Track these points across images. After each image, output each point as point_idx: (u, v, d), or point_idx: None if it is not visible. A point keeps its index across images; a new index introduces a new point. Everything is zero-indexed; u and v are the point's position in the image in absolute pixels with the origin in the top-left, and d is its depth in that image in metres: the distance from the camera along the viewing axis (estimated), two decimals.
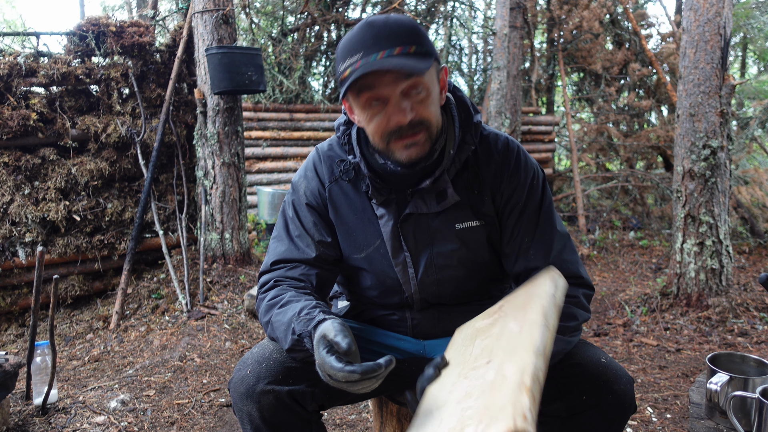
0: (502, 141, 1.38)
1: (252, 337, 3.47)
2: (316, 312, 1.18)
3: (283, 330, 1.20)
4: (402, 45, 1.14)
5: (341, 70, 1.18)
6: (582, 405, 1.18)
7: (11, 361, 2.18)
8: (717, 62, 3.43)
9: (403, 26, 1.16)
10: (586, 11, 7.43)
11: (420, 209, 1.33)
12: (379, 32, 1.14)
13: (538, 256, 1.32)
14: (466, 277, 1.40)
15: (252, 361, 1.26)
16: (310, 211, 1.40)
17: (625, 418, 1.20)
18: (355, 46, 1.15)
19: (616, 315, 3.89)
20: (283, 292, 1.29)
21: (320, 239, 1.39)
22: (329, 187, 1.39)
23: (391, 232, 1.34)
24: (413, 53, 1.14)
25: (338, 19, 7.27)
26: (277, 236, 1.43)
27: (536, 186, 1.36)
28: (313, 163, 1.43)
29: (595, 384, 1.18)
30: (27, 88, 3.87)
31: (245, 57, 3.82)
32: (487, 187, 1.35)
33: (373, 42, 1.13)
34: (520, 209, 1.35)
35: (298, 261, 1.37)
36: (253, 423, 1.23)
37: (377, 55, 1.13)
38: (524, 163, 1.37)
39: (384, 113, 1.19)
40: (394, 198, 1.33)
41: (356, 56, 1.14)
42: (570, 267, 1.32)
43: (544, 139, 8.12)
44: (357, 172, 1.37)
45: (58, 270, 3.92)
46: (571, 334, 1.24)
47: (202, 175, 4.18)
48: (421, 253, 1.37)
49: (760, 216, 5.80)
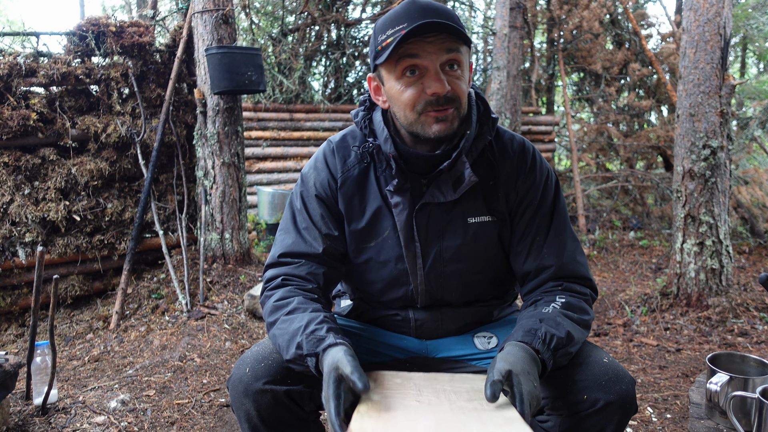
0: (518, 141, 1.40)
1: (252, 337, 3.47)
2: (324, 330, 1.17)
3: (286, 340, 1.20)
4: (446, 19, 1.16)
5: (381, 39, 1.20)
6: (583, 404, 1.18)
7: (11, 361, 2.18)
8: (717, 62, 3.43)
9: (446, 8, 1.21)
10: (586, 11, 7.43)
11: (437, 198, 1.33)
12: (425, 7, 1.17)
13: (552, 255, 1.34)
14: (471, 272, 1.40)
15: (251, 360, 1.26)
16: (318, 203, 1.40)
17: (626, 419, 1.20)
18: (400, 17, 1.18)
19: (616, 315, 3.89)
20: (291, 296, 1.28)
21: (327, 232, 1.38)
22: (341, 179, 1.39)
23: (405, 221, 1.35)
24: (456, 29, 1.17)
25: (338, 19, 7.27)
26: (285, 228, 1.42)
27: (550, 186, 1.39)
28: (324, 155, 1.42)
29: (597, 383, 1.18)
30: (27, 88, 3.87)
31: (245, 57, 3.82)
32: (502, 185, 1.36)
33: (418, 14, 1.16)
34: (534, 208, 1.36)
35: (305, 255, 1.36)
36: (250, 422, 1.24)
37: (422, 21, 1.15)
38: (540, 164, 1.39)
39: (420, 83, 1.21)
40: (409, 187, 1.34)
41: (400, 26, 1.17)
42: (581, 269, 1.35)
43: (544, 139, 8.12)
44: (373, 157, 1.37)
45: (58, 270, 3.92)
46: (585, 327, 1.26)
47: (202, 175, 4.18)
48: (432, 245, 1.37)
49: (760, 216, 5.80)
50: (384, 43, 1.19)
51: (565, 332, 1.18)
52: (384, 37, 1.19)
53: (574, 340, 1.20)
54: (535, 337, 1.16)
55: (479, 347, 1.45)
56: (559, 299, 1.28)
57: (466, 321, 1.48)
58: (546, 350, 1.15)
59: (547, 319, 1.21)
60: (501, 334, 1.48)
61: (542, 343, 1.15)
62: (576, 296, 1.30)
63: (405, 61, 1.19)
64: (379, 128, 1.34)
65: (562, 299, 1.28)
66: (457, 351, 1.45)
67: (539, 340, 1.16)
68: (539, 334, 1.16)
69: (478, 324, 1.50)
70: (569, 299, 1.28)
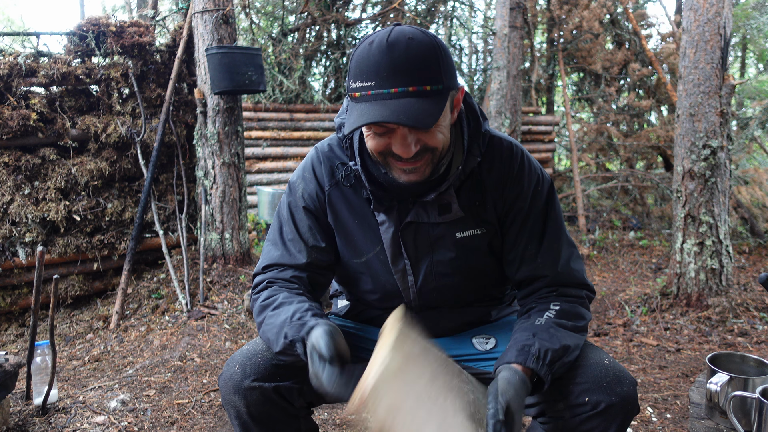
0: (506, 146, 1.35)
1: (252, 337, 3.47)
2: (308, 316, 1.19)
3: (275, 333, 1.21)
4: (417, 84, 1.09)
5: (352, 87, 1.14)
6: (585, 407, 1.18)
7: (11, 361, 2.18)
8: (717, 62, 3.43)
9: (423, 56, 1.10)
10: (586, 11, 7.43)
11: (421, 218, 1.31)
12: (396, 61, 1.08)
13: (546, 265, 1.32)
14: (465, 285, 1.40)
15: (240, 357, 1.28)
16: (306, 215, 1.38)
17: (628, 420, 1.20)
18: (370, 69, 1.10)
19: (616, 315, 3.89)
20: (276, 293, 1.30)
21: (314, 244, 1.37)
22: (328, 191, 1.36)
23: (392, 239, 1.33)
24: (429, 92, 1.10)
25: (338, 19, 7.27)
26: (272, 239, 1.42)
27: (540, 192, 1.34)
28: (312, 165, 1.39)
29: (598, 385, 1.18)
30: (27, 88, 3.87)
31: (245, 57, 3.82)
32: (489, 194, 1.33)
33: (388, 73, 1.08)
34: (523, 216, 1.33)
35: (289, 266, 1.37)
36: (240, 418, 1.25)
37: (390, 89, 1.08)
38: (528, 168, 1.34)
39: (388, 138, 1.16)
40: (395, 205, 1.31)
41: (368, 83, 1.10)
42: (578, 276, 1.33)
43: (544, 139, 8.12)
44: (358, 178, 1.33)
45: (58, 270, 3.92)
46: (581, 332, 1.26)
47: (202, 175, 4.18)
48: (421, 261, 1.36)
49: (760, 216, 5.80)
50: (353, 94, 1.13)
51: (559, 344, 1.18)
52: (354, 87, 1.13)
53: (569, 350, 1.20)
54: (528, 355, 1.16)
55: (478, 348, 1.45)
56: (553, 306, 1.27)
57: (464, 320, 1.48)
58: (541, 366, 1.15)
59: (541, 332, 1.20)
60: (499, 335, 1.47)
61: (536, 360, 1.15)
62: (571, 301, 1.30)
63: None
64: (356, 157, 1.30)
65: (557, 306, 1.27)
66: (455, 351, 1.45)
67: (533, 357, 1.15)
68: (533, 351, 1.16)
69: (476, 324, 1.50)
70: (564, 306, 1.28)
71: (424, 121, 1.08)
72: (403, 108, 1.07)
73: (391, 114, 1.07)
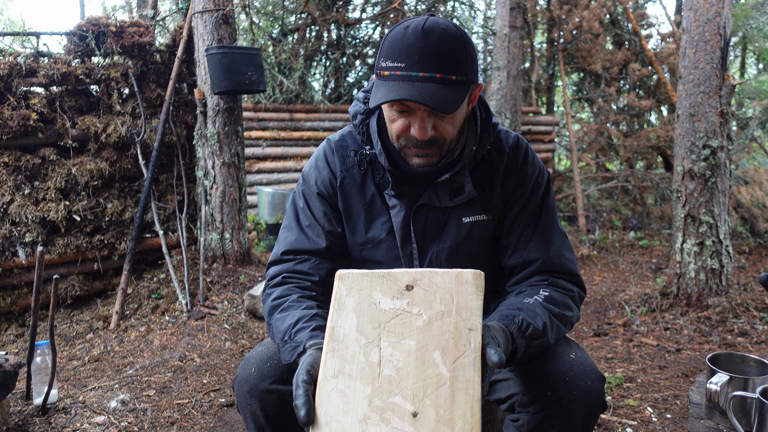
0: (513, 138, 1.43)
1: (252, 337, 3.47)
2: (306, 332, 1.16)
3: (279, 339, 1.22)
4: (445, 72, 1.16)
5: (382, 65, 1.21)
6: (547, 400, 1.18)
7: (11, 361, 2.18)
8: (717, 62, 3.43)
9: (453, 47, 1.17)
10: (586, 11, 7.43)
11: (433, 202, 1.36)
12: (429, 48, 1.15)
13: (538, 249, 1.34)
14: None
15: (256, 359, 1.27)
16: (320, 201, 1.42)
17: (593, 416, 1.19)
18: (403, 51, 1.17)
19: (616, 315, 3.89)
20: (287, 294, 1.30)
21: (330, 229, 1.41)
22: (340, 177, 1.41)
23: (402, 222, 1.37)
24: (453, 82, 1.17)
25: (338, 19, 7.27)
26: (288, 226, 1.44)
27: (540, 183, 1.40)
28: (324, 154, 1.45)
29: (560, 379, 1.18)
30: (27, 88, 3.87)
31: (245, 57, 3.82)
32: (496, 182, 1.38)
33: (420, 57, 1.15)
34: (522, 203, 1.38)
35: (309, 252, 1.38)
36: (256, 422, 1.24)
37: (419, 73, 1.15)
38: (532, 160, 1.42)
39: (407, 120, 1.24)
40: (407, 189, 1.36)
41: (399, 63, 1.17)
42: (569, 264, 1.36)
43: (544, 139, 8.12)
44: (371, 163, 1.39)
45: (58, 270, 3.92)
46: (565, 323, 1.26)
47: (202, 175, 4.18)
48: (429, 247, 1.39)
49: (760, 216, 5.80)
50: (382, 73, 1.21)
51: (542, 323, 1.18)
52: (384, 66, 1.20)
53: (548, 333, 1.19)
54: (511, 322, 1.16)
55: None
56: (543, 292, 1.28)
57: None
58: (520, 337, 1.14)
59: (527, 309, 1.20)
60: None
61: (518, 329, 1.15)
62: (561, 292, 1.30)
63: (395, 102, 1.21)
64: (375, 138, 1.36)
65: (546, 293, 1.28)
66: None
67: (515, 326, 1.15)
68: (516, 320, 1.16)
69: None
70: (553, 293, 1.28)
71: (447, 106, 1.16)
72: (429, 91, 1.15)
73: (419, 95, 1.14)
